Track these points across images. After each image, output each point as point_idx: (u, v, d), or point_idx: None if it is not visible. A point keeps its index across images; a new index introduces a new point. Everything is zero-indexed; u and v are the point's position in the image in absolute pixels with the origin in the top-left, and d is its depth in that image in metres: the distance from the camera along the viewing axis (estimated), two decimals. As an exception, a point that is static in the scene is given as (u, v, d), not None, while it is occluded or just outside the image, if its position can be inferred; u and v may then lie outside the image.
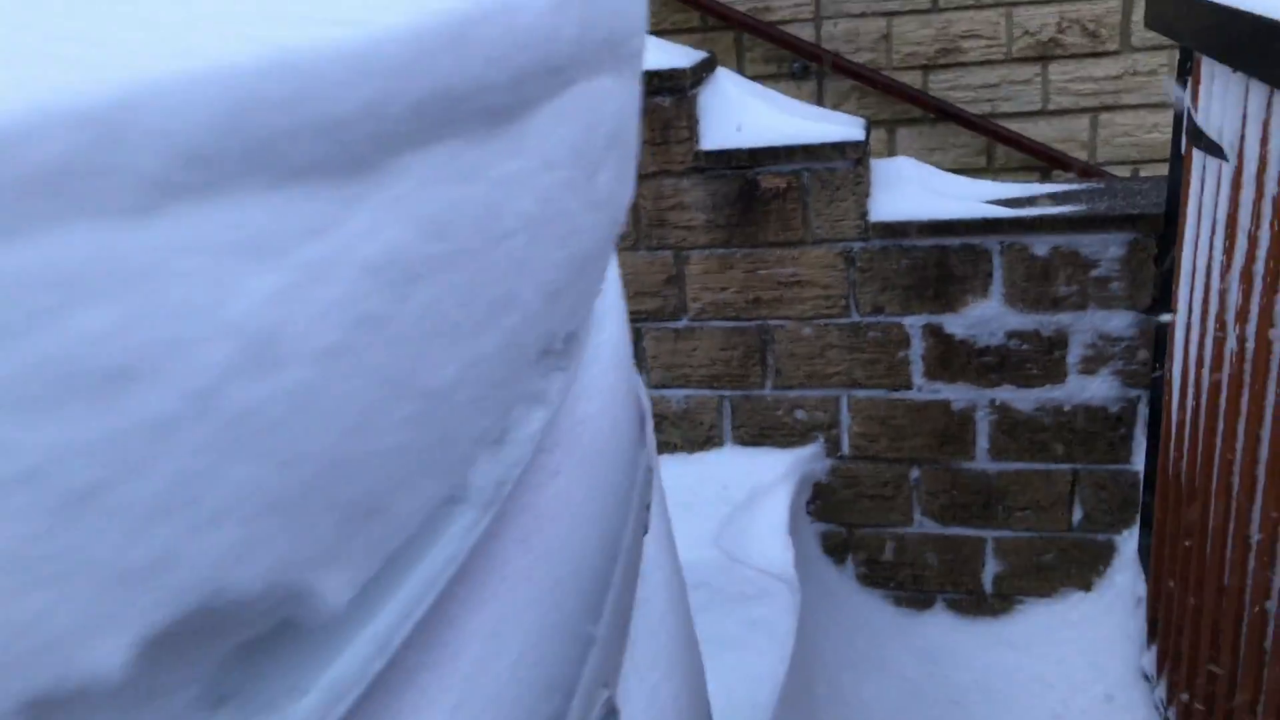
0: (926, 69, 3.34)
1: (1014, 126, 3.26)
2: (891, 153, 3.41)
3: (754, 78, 3.12)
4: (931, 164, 2.52)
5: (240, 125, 0.32)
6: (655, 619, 1.05)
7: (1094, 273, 2.08)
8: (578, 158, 0.55)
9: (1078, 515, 2.28)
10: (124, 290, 0.28)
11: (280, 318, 0.33)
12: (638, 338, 2.31)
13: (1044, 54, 3.19)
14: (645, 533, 1.00)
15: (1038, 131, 3.25)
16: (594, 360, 0.87)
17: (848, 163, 2.08)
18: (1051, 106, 3.24)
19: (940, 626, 2.38)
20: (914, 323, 2.18)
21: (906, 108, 3.32)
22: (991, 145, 3.31)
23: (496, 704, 0.55)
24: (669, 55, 2.16)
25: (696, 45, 3.26)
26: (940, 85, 3.34)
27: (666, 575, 1.13)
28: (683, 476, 2.32)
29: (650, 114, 2.10)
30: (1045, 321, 2.12)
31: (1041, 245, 2.07)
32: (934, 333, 2.18)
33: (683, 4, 3.30)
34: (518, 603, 0.62)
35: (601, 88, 0.56)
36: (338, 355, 0.36)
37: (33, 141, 0.25)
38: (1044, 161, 3.22)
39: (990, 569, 2.35)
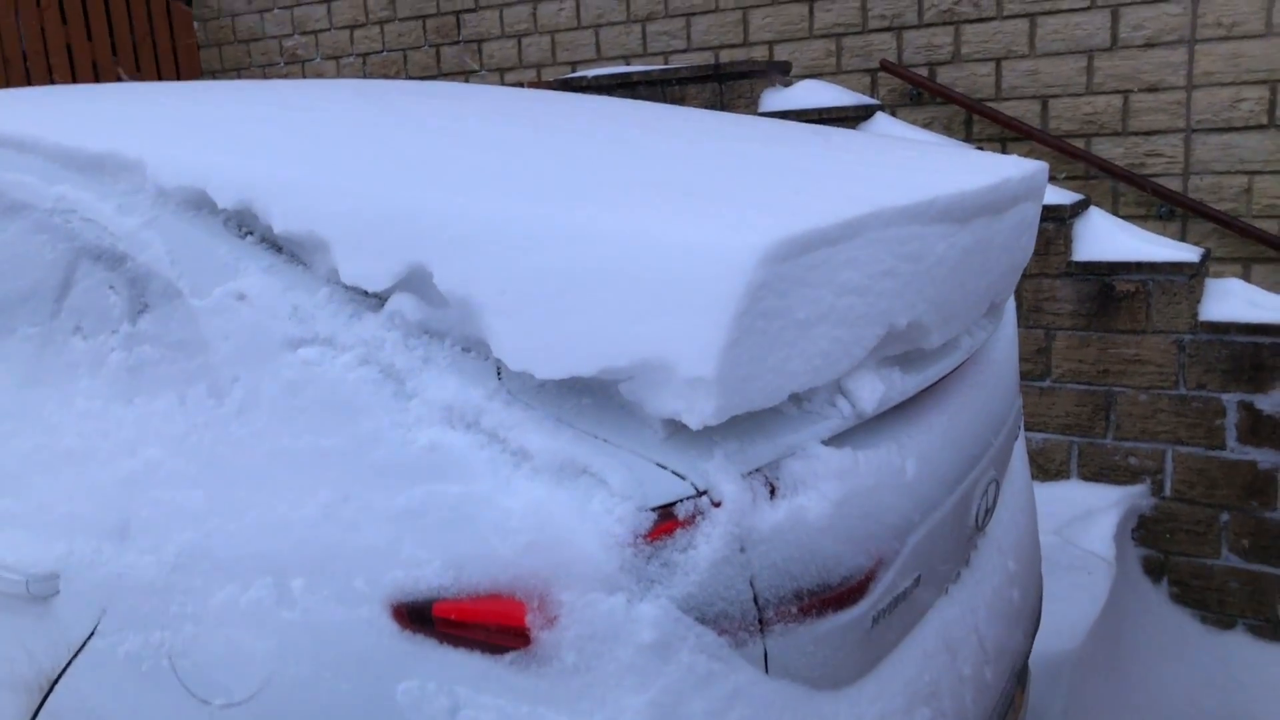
0: (1284, 218, 3.96)
1: (1364, 270, 3.79)
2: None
3: (1126, 217, 3.95)
4: (1283, 296, 3.22)
5: (947, 209, 1.36)
6: (1018, 480, 1.97)
7: (1391, 376, 2.70)
8: (1017, 227, 1.56)
9: (1373, 576, 2.82)
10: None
11: (994, 246, 1.37)
12: (1011, 391, 3.21)
13: (1397, 210, 3.72)
14: (1018, 434, 1.93)
15: (1386, 275, 3.76)
16: (1006, 324, 1.85)
17: (1183, 277, 2.88)
18: (1403, 255, 3.74)
19: (1239, 645, 2.99)
20: (1230, 398, 2.90)
21: (1263, 249, 3.95)
22: (1341, 285, 3.85)
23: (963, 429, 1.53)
24: (1056, 195, 3.10)
25: (1079, 189, 4.14)
26: (1295, 232, 3.95)
27: (1023, 474, 2.04)
28: (1038, 495, 3.15)
29: (1038, 233, 3.04)
30: (1341, 407, 2.77)
31: (1340, 348, 2.74)
32: (1246, 407, 2.88)
33: (1072, 157, 4.18)
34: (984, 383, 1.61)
35: (1026, 206, 1.58)
36: (987, 252, 1.40)
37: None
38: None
39: (1286, 603, 2.94)
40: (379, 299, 1.31)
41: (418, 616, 1.16)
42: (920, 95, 4.44)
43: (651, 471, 1.13)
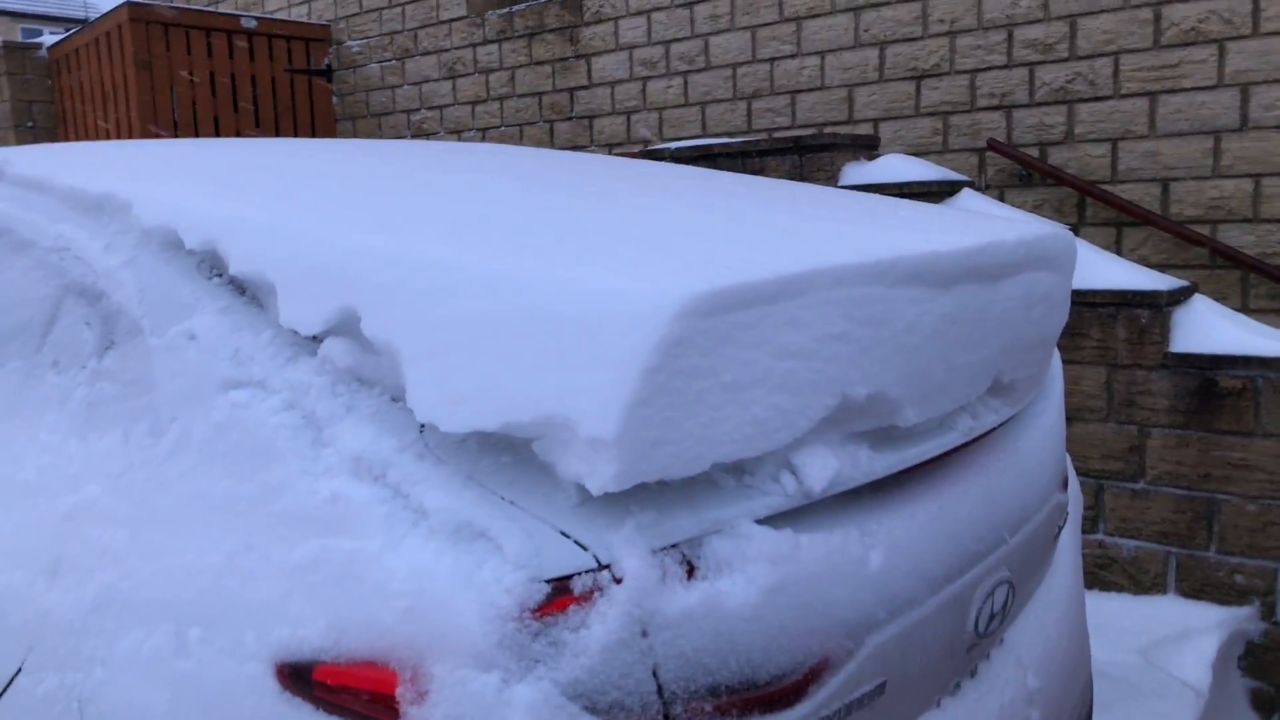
0: None
1: None
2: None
3: (1258, 310, 3.63)
4: None
5: (915, 271, 1.23)
6: (1060, 587, 1.76)
7: None
8: (1024, 298, 1.40)
9: None
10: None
11: (988, 317, 1.23)
12: (1099, 493, 2.92)
13: None
14: (1061, 526, 1.72)
15: None
16: (1043, 411, 1.67)
17: (1298, 374, 2.59)
18: None
19: (1364, 801, 2.59)
20: (1353, 514, 2.56)
21: None
22: None
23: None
24: (1152, 280, 2.86)
25: (1203, 279, 3.83)
26: None
27: (1068, 581, 1.82)
28: (1126, 609, 2.86)
29: (1129, 321, 2.81)
30: None
31: None
32: (1372, 525, 2.54)
33: (1193, 244, 3.87)
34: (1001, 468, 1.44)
35: (1038, 275, 1.42)
36: (980, 324, 1.25)
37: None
38: None
39: None
40: (318, 343, 1.27)
41: (299, 678, 1.08)
42: (1030, 176, 4.24)
43: (553, 540, 1.03)
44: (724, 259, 1.14)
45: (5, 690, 1.33)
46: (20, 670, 1.32)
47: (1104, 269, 3.02)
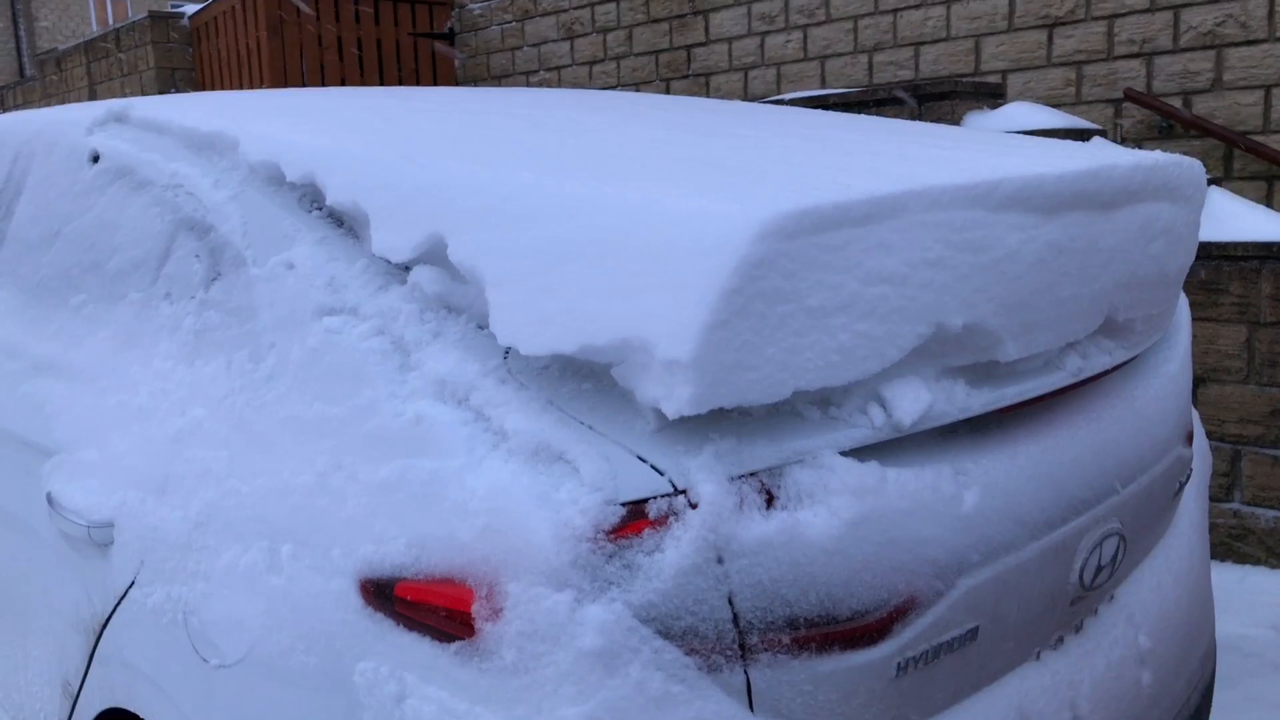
0: None
1: None
2: None
3: None
4: None
5: (1019, 195, 1.15)
6: (1181, 547, 1.66)
7: None
8: (1141, 229, 1.31)
9: None
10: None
11: (1100, 248, 1.16)
12: (1235, 459, 2.75)
13: None
14: (1183, 482, 1.62)
15: None
16: (1167, 359, 1.56)
17: None
18: None
19: None
20: None
21: None
22: None
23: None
24: (1301, 232, 2.65)
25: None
26: None
27: (1190, 541, 1.70)
28: (1262, 583, 2.69)
29: (1275, 276, 2.61)
30: None
31: None
32: None
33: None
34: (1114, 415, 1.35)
35: (1157, 206, 1.32)
36: (1091, 254, 1.18)
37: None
38: None
39: None
40: (408, 272, 1.28)
41: (380, 594, 1.10)
42: (1171, 127, 3.99)
43: (630, 464, 1.02)
44: (814, 181, 1.10)
45: (120, 601, 1.40)
46: (134, 583, 1.39)
47: (1247, 220, 2.82)
